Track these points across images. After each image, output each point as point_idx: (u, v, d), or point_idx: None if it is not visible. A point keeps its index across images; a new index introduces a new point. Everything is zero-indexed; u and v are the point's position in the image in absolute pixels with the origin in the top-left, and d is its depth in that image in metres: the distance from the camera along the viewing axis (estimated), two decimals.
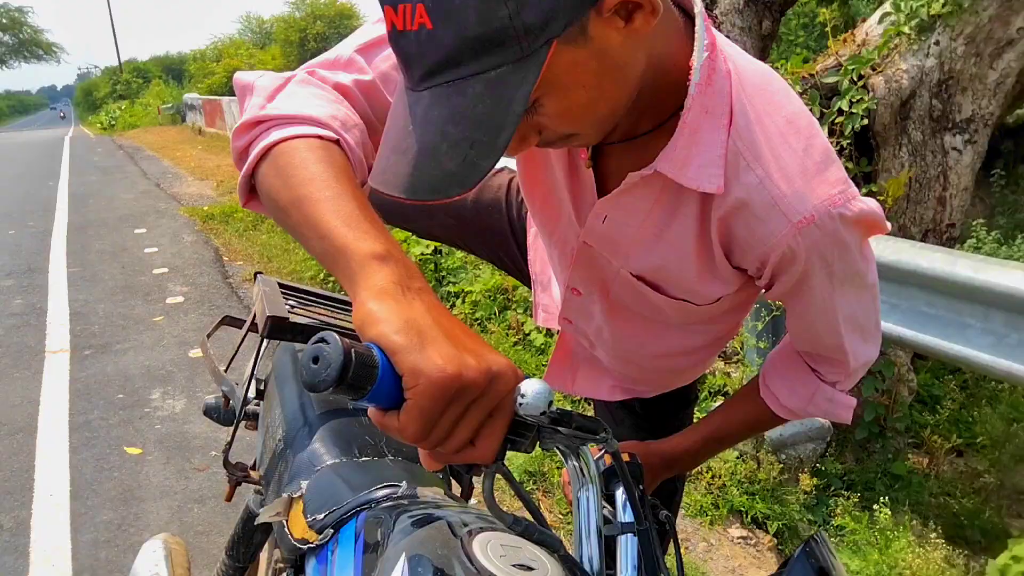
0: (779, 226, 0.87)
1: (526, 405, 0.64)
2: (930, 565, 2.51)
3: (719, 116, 0.87)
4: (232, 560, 1.70)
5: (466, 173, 0.71)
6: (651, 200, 0.96)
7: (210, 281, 6.48)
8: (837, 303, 0.98)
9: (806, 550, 0.69)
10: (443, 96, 0.71)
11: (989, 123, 3.50)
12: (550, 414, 0.66)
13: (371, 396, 0.61)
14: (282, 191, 0.81)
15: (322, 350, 0.58)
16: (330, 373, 0.57)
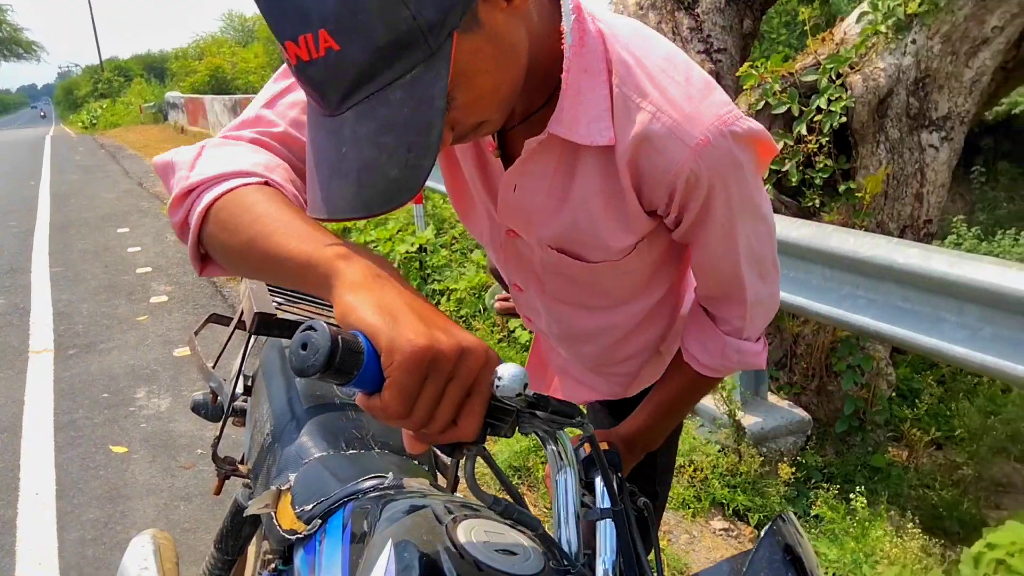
0: (679, 152, 0.93)
1: (503, 387, 0.67)
2: (907, 554, 2.56)
3: (598, 73, 0.93)
4: (221, 553, 1.72)
5: (410, 177, 0.74)
6: (553, 164, 1.01)
7: (194, 280, 6.46)
8: (737, 231, 1.03)
9: (773, 529, 0.72)
10: (367, 111, 0.73)
11: (965, 120, 3.56)
12: (527, 397, 0.69)
13: (357, 381, 0.64)
14: (232, 241, 0.84)
15: (310, 337, 0.61)
16: (318, 359, 0.60)
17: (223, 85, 30.37)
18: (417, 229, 5.66)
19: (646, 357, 1.38)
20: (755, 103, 3.62)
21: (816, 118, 3.49)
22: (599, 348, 1.34)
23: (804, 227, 2.80)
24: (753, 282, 1.11)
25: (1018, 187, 12.13)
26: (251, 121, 1.00)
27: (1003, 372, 2.24)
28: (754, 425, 3.20)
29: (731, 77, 4.47)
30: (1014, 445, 4.07)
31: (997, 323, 2.25)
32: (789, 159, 3.55)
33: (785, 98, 3.54)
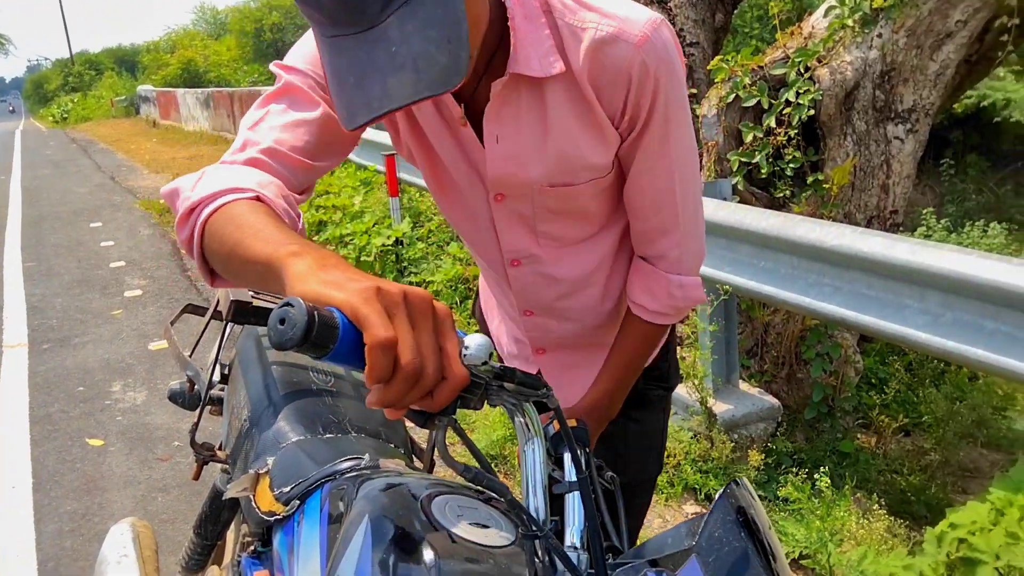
0: (626, 50, 1.07)
1: (469, 355, 0.71)
2: (872, 535, 2.63)
3: (536, 17, 1.08)
4: (200, 538, 1.75)
5: (456, 62, 0.84)
6: (523, 103, 1.14)
7: (168, 274, 6.44)
8: (672, 140, 1.16)
9: (727, 492, 0.77)
10: (407, 13, 0.83)
11: (930, 113, 3.64)
12: (493, 368, 0.73)
13: (333, 354, 0.67)
14: (221, 250, 0.93)
15: (288, 312, 0.65)
16: (296, 333, 0.64)
17: (195, 78, 30.06)
18: (393, 222, 5.68)
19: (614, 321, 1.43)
20: (726, 96, 3.67)
21: (785, 111, 3.55)
22: (582, 307, 1.40)
23: (772, 217, 2.86)
24: (685, 205, 1.23)
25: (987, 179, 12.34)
26: (241, 146, 1.10)
27: (963, 356, 2.31)
28: (725, 412, 3.26)
29: (703, 70, 4.53)
30: (980, 431, 4.17)
31: (957, 309, 2.32)
32: (759, 151, 3.61)
33: (755, 91, 3.59)
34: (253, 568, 1.30)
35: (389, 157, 5.55)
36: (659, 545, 0.78)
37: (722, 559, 0.73)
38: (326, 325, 0.65)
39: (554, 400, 0.82)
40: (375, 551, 0.94)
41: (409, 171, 6.03)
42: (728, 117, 3.70)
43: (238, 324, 1.71)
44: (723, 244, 3.08)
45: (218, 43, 35.91)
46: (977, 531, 2.18)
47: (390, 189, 5.65)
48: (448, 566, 0.93)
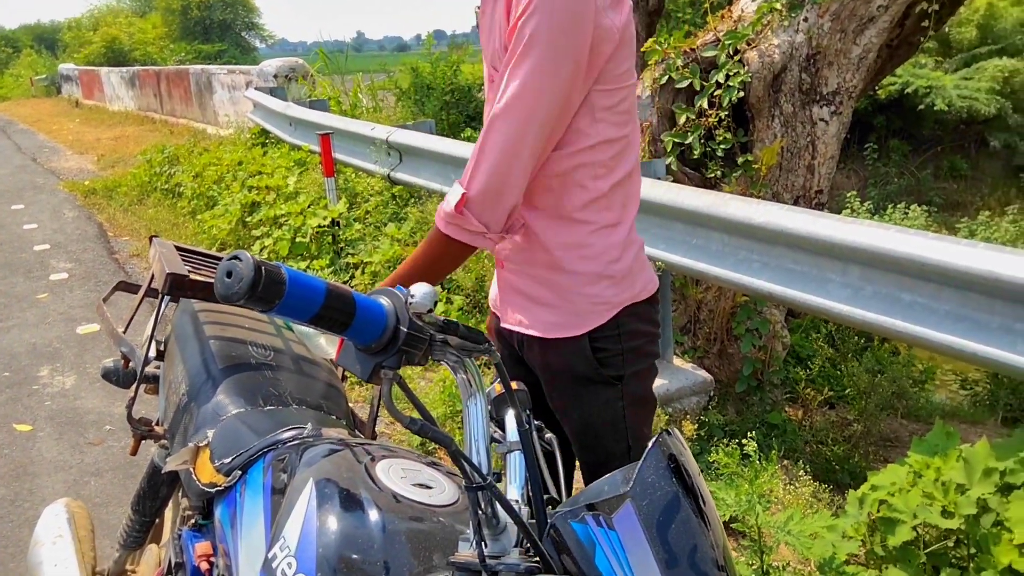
0: None
1: (415, 303, 0.73)
2: (798, 499, 2.74)
3: None
4: (138, 515, 1.73)
5: None
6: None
7: (95, 257, 6.26)
8: (518, 72, 1.27)
9: (659, 441, 0.81)
10: None
11: (853, 95, 3.77)
12: (437, 321, 0.76)
13: (280, 308, 0.69)
14: None
15: (235, 266, 0.66)
16: (242, 286, 0.65)
17: (120, 57, 29.06)
18: (329, 203, 5.62)
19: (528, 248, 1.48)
20: (659, 78, 3.74)
21: (716, 93, 3.64)
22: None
23: (704, 196, 2.94)
24: (493, 132, 1.31)
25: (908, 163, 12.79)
26: None
27: (882, 327, 2.42)
28: (660, 387, 3.35)
29: (637, 53, 4.59)
30: (900, 402, 4.36)
31: (877, 282, 2.43)
32: (692, 132, 3.69)
33: (687, 73, 3.67)
34: (194, 541, 1.31)
35: (324, 137, 5.48)
36: (596, 491, 0.81)
37: (655, 503, 0.77)
38: (273, 280, 0.67)
39: (496, 356, 0.85)
40: (320, 512, 0.96)
41: (344, 151, 5.97)
42: (662, 98, 3.77)
43: (174, 299, 1.70)
44: (657, 222, 3.15)
45: (143, 20, 34.77)
46: (896, 492, 2.29)
47: (325, 169, 5.59)
48: (393, 525, 0.95)
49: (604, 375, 1.49)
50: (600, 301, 1.45)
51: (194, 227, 6.59)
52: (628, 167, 1.44)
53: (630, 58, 1.38)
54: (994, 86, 12.36)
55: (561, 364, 1.49)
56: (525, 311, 1.50)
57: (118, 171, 10.00)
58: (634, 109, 1.44)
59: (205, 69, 13.60)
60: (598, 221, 1.42)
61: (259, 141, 8.30)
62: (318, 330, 0.80)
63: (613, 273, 1.45)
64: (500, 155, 1.31)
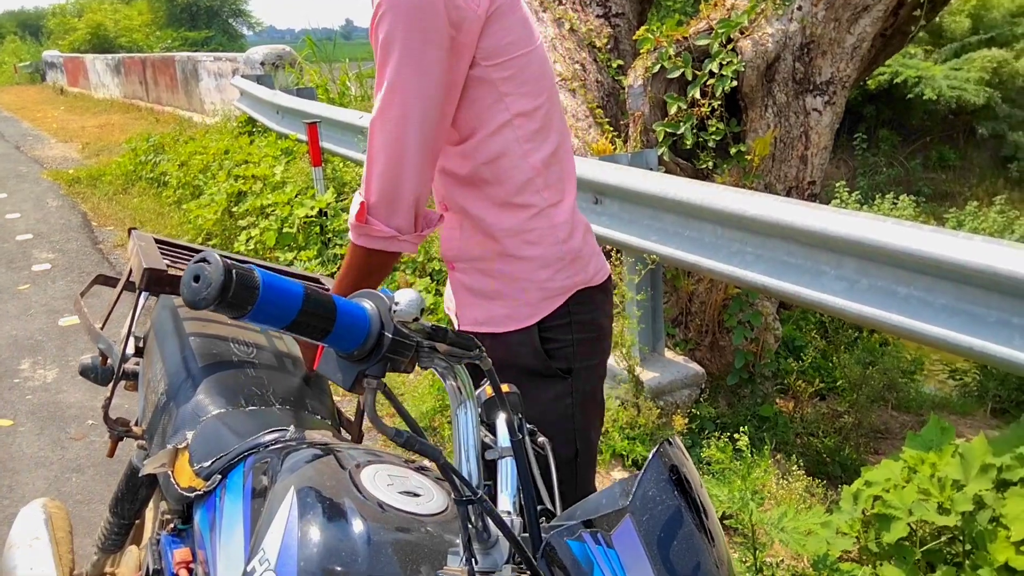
0: None
1: (400, 312, 0.68)
2: (792, 495, 2.72)
3: None
4: (117, 518, 1.68)
5: None
6: None
7: (79, 247, 6.17)
8: (387, 74, 1.28)
9: (660, 451, 0.77)
10: None
11: (847, 85, 3.73)
12: (425, 328, 0.71)
13: (253, 315, 0.64)
14: None
15: (203, 269, 0.61)
16: (211, 292, 0.60)
17: (105, 43, 28.77)
18: (317, 192, 5.55)
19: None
20: (651, 66, 3.69)
21: (708, 82, 3.59)
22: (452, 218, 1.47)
23: (697, 187, 2.90)
24: (377, 136, 1.31)
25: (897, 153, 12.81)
26: None
27: (878, 321, 2.38)
28: (652, 380, 3.31)
29: (628, 41, 4.54)
30: (890, 394, 4.35)
31: (873, 275, 2.39)
32: (684, 122, 3.64)
33: (679, 62, 3.62)
34: (173, 546, 1.26)
35: (311, 126, 5.41)
36: (593, 506, 0.77)
37: (655, 517, 0.72)
38: (245, 285, 0.62)
39: (487, 362, 0.80)
40: (301, 523, 0.91)
41: (332, 140, 5.89)
42: (653, 88, 3.72)
43: (153, 294, 1.64)
44: (649, 214, 3.11)
45: (129, 7, 34.41)
46: (891, 488, 2.26)
47: (312, 159, 5.52)
48: (379, 536, 0.91)
49: (553, 368, 1.47)
50: (553, 286, 1.44)
51: (179, 217, 6.51)
52: (556, 139, 1.44)
53: (514, 28, 1.36)
54: (983, 76, 12.37)
55: (509, 358, 1.46)
56: (479, 308, 1.48)
57: (103, 160, 9.89)
58: (544, 77, 1.43)
59: (191, 56, 13.45)
60: (538, 203, 1.41)
61: (246, 130, 8.21)
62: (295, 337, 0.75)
63: (563, 254, 1.44)
64: (386, 157, 1.30)
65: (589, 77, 4.45)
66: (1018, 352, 2.08)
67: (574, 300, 1.46)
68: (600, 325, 1.53)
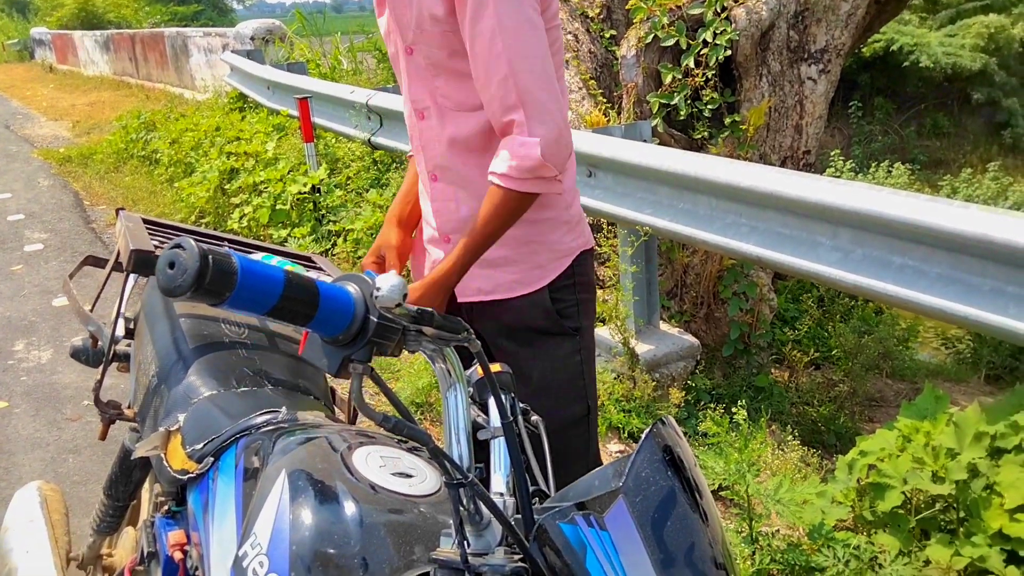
0: None
1: (382, 297, 0.67)
2: (787, 465, 2.73)
3: None
4: (111, 500, 1.68)
5: None
6: None
7: (71, 227, 6.14)
8: (491, 12, 1.27)
9: (653, 432, 0.76)
10: None
11: (842, 53, 3.69)
12: (410, 312, 0.70)
13: (231, 302, 0.62)
14: None
15: (178, 255, 0.59)
16: (186, 279, 0.59)
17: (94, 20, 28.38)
18: (309, 169, 5.51)
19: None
20: (644, 36, 3.65)
21: (703, 51, 3.55)
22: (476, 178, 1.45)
23: (690, 158, 2.87)
24: (522, 81, 1.30)
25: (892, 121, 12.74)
26: None
27: (873, 291, 2.38)
28: (647, 352, 3.31)
29: (621, 11, 4.48)
30: (885, 362, 4.36)
31: (868, 245, 2.38)
32: (678, 92, 3.61)
33: (673, 31, 3.58)
34: (167, 529, 1.26)
35: (302, 101, 5.35)
36: (586, 487, 0.77)
37: (649, 499, 0.72)
38: (222, 270, 0.60)
39: (476, 344, 0.79)
40: (293, 506, 0.91)
41: (324, 115, 5.84)
42: (647, 58, 3.68)
43: (141, 275, 1.63)
44: (643, 186, 3.09)
45: None
46: (886, 457, 2.27)
47: (304, 134, 5.47)
48: (371, 517, 0.90)
49: (565, 326, 1.54)
50: (560, 248, 1.51)
51: (172, 195, 6.46)
52: (566, 108, 1.48)
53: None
54: (979, 42, 12.28)
55: (520, 322, 1.53)
56: (483, 279, 1.51)
57: (94, 138, 9.80)
58: (561, 50, 1.49)
59: (180, 32, 13.30)
60: None
61: (237, 106, 8.13)
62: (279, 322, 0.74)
63: (569, 218, 1.52)
64: (547, 94, 1.33)
65: (582, 48, 4.40)
66: (1012, 321, 2.08)
67: (577, 261, 1.53)
68: (593, 287, 1.62)
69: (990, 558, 1.93)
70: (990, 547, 1.95)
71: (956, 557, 1.98)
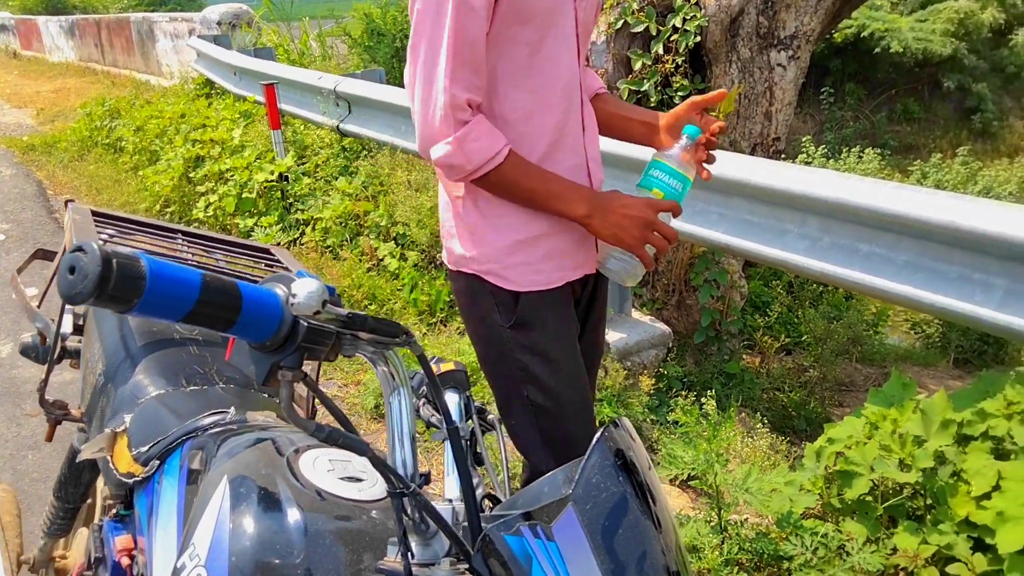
0: None
1: (298, 305, 0.63)
2: (756, 453, 2.73)
3: None
4: (61, 502, 1.63)
5: None
6: None
7: (34, 216, 6.01)
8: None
9: (604, 435, 0.73)
10: None
11: (811, 39, 3.68)
12: (339, 316, 0.66)
13: (141, 308, 0.58)
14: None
15: (79, 259, 0.55)
16: (87, 284, 0.54)
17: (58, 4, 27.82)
18: (276, 156, 5.43)
19: None
20: (614, 22, 3.61)
21: (673, 37, 3.52)
22: None
23: None
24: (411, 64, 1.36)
25: (864, 107, 12.82)
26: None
27: (840, 278, 2.37)
28: (619, 341, 3.29)
29: None
30: (854, 347, 4.38)
31: (835, 232, 2.37)
32: (648, 79, 3.58)
33: (643, 17, 3.55)
34: (115, 533, 1.21)
35: (268, 87, 5.26)
36: (535, 494, 0.73)
37: (599, 506, 0.69)
38: (128, 275, 0.56)
39: (417, 347, 0.75)
40: (234, 515, 0.87)
41: (291, 102, 5.75)
42: (617, 44, 3.64)
43: None
44: (614, 174, 3.05)
45: None
46: (853, 445, 2.27)
47: (271, 121, 5.38)
48: (316, 526, 0.87)
49: None
50: None
51: (137, 184, 6.34)
52: None
53: None
54: (949, 28, 12.38)
55: None
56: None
57: (58, 126, 9.60)
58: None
59: (147, 17, 13.05)
60: None
61: (203, 92, 7.99)
62: (199, 327, 0.70)
63: None
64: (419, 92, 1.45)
65: None
66: (978, 308, 2.08)
67: None
68: None
69: (957, 545, 1.93)
70: (957, 534, 1.95)
71: (923, 545, 1.98)
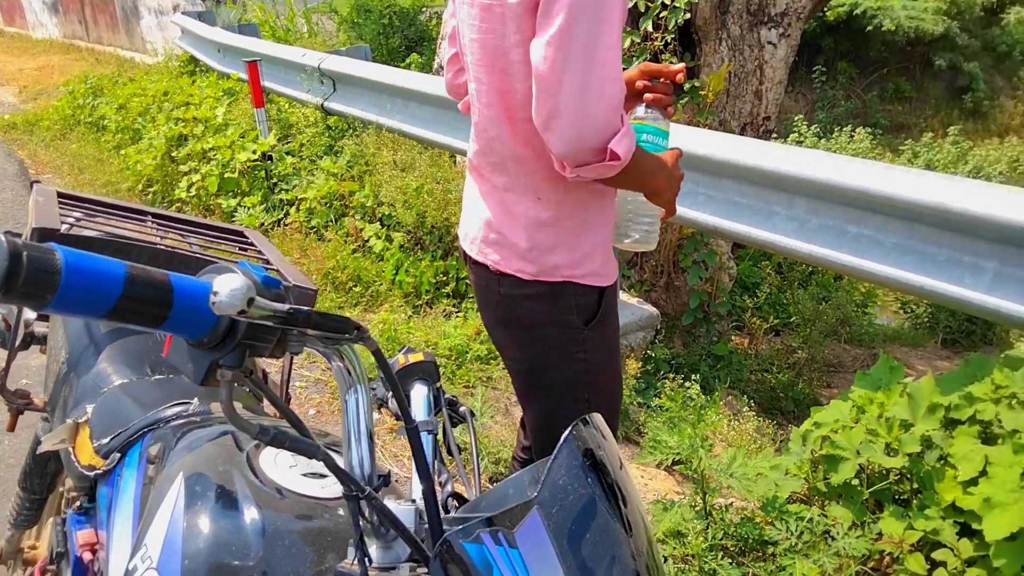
0: None
1: (220, 304, 0.58)
2: (742, 436, 2.70)
3: None
4: (27, 493, 1.59)
5: None
6: None
7: (14, 196, 5.92)
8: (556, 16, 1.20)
9: (573, 434, 0.69)
10: None
11: (802, 16, 3.62)
12: (279, 312, 0.61)
13: (56, 305, 0.53)
14: None
15: None
16: None
17: None
18: (260, 135, 5.35)
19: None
20: None
21: (662, 14, 3.46)
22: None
23: None
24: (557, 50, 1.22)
25: (855, 85, 12.77)
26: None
27: (828, 260, 2.33)
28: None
29: None
30: (843, 328, 4.37)
31: (823, 214, 2.34)
32: (637, 57, 3.52)
33: None
34: (78, 527, 1.17)
35: (251, 64, 5.17)
36: (500, 497, 0.69)
37: (566, 509, 0.65)
38: (40, 269, 0.51)
39: (373, 344, 0.70)
40: (188, 514, 0.83)
41: (275, 79, 5.66)
42: None
43: None
44: None
45: None
46: (839, 429, 2.24)
47: (254, 99, 5.30)
48: (274, 525, 0.83)
49: None
50: None
51: (119, 163, 6.25)
52: None
53: None
54: (941, 6, 12.31)
55: None
56: None
57: (41, 104, 9.45)
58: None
59: None
60: None
61: (187, 69, 7.87)
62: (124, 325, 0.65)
63: None
64: None
65: None
66: (967, 291, 2.05)
67: None
68: None
69: (943, 531, 1.91)
70: (943, 519, 1.93)
71: (909, 530, 1.96)
